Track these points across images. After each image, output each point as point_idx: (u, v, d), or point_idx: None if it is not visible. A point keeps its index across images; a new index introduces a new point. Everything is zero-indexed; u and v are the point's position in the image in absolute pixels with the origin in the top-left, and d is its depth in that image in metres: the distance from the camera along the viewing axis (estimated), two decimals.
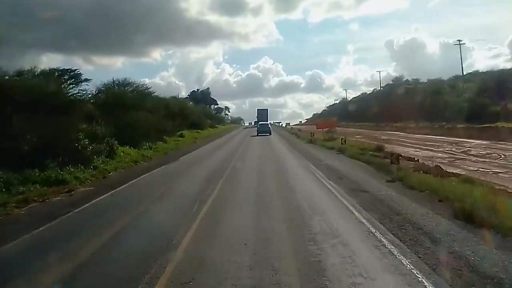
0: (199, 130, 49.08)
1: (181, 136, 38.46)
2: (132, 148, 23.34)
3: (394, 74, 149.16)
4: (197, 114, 57.63)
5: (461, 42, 62.17)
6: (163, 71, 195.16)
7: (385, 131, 52.98)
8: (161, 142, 30.23)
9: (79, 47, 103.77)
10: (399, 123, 57.95)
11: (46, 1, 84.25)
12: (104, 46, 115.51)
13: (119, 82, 34.34)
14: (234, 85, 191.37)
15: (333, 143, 26.45)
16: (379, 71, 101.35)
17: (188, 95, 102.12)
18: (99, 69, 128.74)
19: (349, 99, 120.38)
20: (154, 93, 38.86)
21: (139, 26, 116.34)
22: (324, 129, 32.11)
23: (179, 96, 72.24)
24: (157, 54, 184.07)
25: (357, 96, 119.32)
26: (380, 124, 64.50)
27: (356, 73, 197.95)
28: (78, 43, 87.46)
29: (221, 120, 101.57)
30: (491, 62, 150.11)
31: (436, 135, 37.37)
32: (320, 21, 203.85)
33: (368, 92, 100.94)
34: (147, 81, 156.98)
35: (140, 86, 36.99)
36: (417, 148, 25.70)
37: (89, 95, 24.46)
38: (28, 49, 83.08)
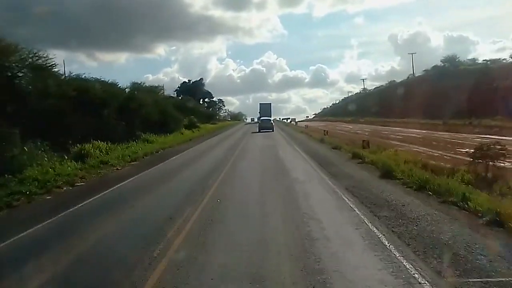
0: (153, 138, 27.10)
1: (81, 157, 16.72)
2: None
3: (398, 68, 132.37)
4: (161, 108, 35.34)
5: None
6: (167, 67, 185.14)
7: (480, 134, 29.77)
8: None
9: (83, 43, 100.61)
10: (488, 119, 36.03)
11: None
12: (107, 42, 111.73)
13: None
14: (238, 81, 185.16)
15: None
16: (411, 54, 72.55)
17: (178, 87, 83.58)
18: (103, 65, 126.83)
19: (369, 90, 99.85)
20: (54, 67, 19.82)
21: (143, 22, 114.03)
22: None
23: (160, 87, 51.25)
24: (161, 50, 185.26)
25: (379, 87, 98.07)
26: (436, 122, 42.27)
27: (360, 67, 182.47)
28: (82, 40, 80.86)
29: (211, 116, 78.93)
30: (495, 55, 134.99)
31: None
32: (324, 15, 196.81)
33: (397, 81, 79.07)
34: (150, 77, 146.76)
35: (32, 54, 18.49)
36: None
37: None
38: (30, 46, 70.87)
